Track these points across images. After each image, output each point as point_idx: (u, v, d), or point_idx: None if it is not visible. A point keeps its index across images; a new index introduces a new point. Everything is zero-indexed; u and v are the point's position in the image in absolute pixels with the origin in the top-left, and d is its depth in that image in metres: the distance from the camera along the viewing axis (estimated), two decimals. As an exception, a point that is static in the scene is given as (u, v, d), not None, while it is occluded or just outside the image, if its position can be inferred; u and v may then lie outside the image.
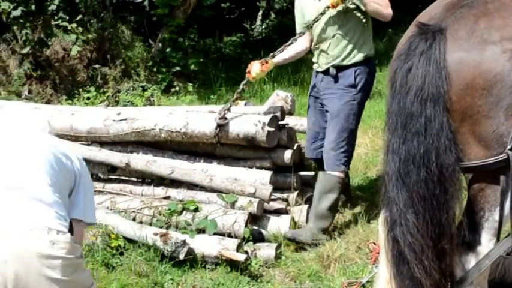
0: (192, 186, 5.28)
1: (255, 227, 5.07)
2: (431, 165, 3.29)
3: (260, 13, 16.36)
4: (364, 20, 4.98)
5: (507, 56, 3.23)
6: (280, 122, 5.36)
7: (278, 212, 5.30)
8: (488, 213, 3.44)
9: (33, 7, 8.99)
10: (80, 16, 9.62)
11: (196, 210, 5.00)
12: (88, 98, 9.50)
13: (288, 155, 5.33)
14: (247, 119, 5.18)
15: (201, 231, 4.88)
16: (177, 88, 10.50)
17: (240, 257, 4.61)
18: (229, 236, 4.87)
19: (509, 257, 3.63)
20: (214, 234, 4.85)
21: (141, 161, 5.30)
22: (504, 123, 3.24)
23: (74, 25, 9.44)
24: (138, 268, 4.61)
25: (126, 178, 5.54)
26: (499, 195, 3.37)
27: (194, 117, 5.29)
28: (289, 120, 5.75)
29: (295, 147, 5.44)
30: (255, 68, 5.11)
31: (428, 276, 3.39)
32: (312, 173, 5.84)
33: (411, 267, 3.41)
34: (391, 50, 3.70)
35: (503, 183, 3.34)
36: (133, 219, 5.05)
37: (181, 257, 4.65)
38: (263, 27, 16.25)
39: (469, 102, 3.27)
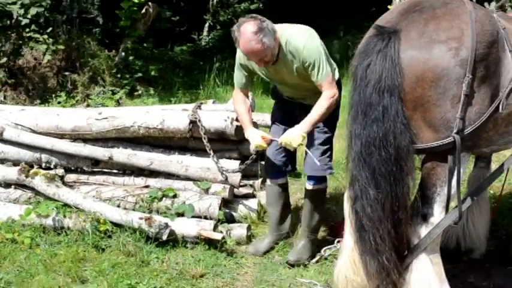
0: (169, 176, 5.34)
1: (227, 210, 5.17)
2: (389, 147, 3.46)
3: (206, 25, 16.40)
4: None
5: (452, 53, 3.43)
6: (245, 118, 5.44)
7: (246, 196, 5.42)
8: (439, 188, 3.63)
9: (8, 22, 8.84)
10: (50, 28, 9.48)
11: (175, 196, 5.07)
12: (59, 102, 9.39)
13: (253, 146, 5.41)
14: (218, 115, 5.28)
15: (180, 214, 4.95)
16: (140, 92, 10.48)
17: (217, 236, 4.71)
18: (205, 218, 4.98)
19: (456, 225, 3.80)
20: (192, 217, 4.94)
21: (122, 154, 5.32)
22: (450, 110, 3.44)
23: (45, 36, 9.31)
24: (126, 249, 4.66)
25: (108, 170, 5.54)
26: (448, 173, 3.56)
27: (169, 114, 5.36)
28: (253, 116, 5.83)
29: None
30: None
31: (384, 243, 3.56)
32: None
33: (372, 234, 3.56)
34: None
35: (450, 163, 3.54)
36: (118, 206, 5.06)
37: (164, 237, 4.71)
38: (209, 37, 16.30)
39: (420, 92, 3.45)
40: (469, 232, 4.76)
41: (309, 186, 4.69)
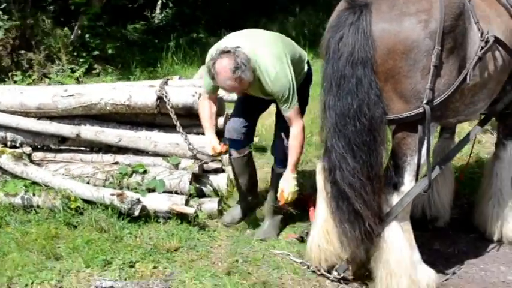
0: (137, 152, 5.34)
1: (198, 185, 5.20)
2: (362, 118, 3.56)
3: (159, 2, 16.20)
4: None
5: (422, 26, 3.53)
6: (212, 93, 5.47)
7: (216, 171, 5.46)
8: (409, 157, 3.75)
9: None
10: (4, 5, 9.26)
11: (145, 172, 5.08)
12: (15, 82, 9.20)
13: (221, 121, 5.47)
14: (185, 91, 5.29)
15: (151, 190, 4.96)
16: (98, 70, 10.36)
17: (189, 210, 4.75)
18: (176, 193, 5.00)
19: (425, 194, 3.94)
20: (163, 192, 4.95)
21: (90, 131, 5.29)
22: (421, 81, 3.56)
23: (-2, 13, 9.10)
24: (98, 225, 4.67)
25: (76, 148, 5.51)
26: (418, 143, 3.69)
27: (136, 91, 5.34)
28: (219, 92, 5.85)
29: (225, 115, 5.59)
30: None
31: (367, 208, 3.67)
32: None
33: (351, 202, 3.66)
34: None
35: (420, 133, 3.67)
36: (88, 183, 5.04)
37: (137, 213, 4.73)
38: (162, 15, 16.12)
39: (392, 64, 3.56)
40: (434, 201, 4.93)
41: (279, 169, 4.69)
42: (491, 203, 4.77)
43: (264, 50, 4.25)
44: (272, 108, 4.80)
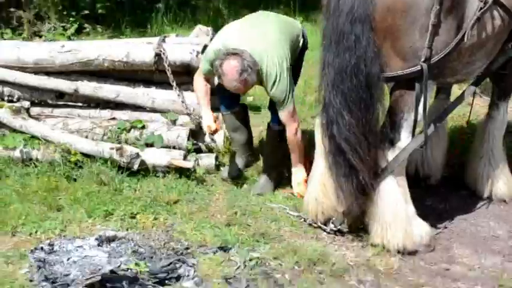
0: (135, 108, 5.39)
1: (195, 141, 5.27)
2: (360, 75, 3.65)
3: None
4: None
5: (422, -17, 3.59)
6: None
7: (212, 128, 5.52)
8: (406, 114, 3.86)
9: None
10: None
11: (143, 127, 5.14)
12: (5, 40, 9.13)
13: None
14: (183, 48, 5.33)
15: (149, 145, 5.03)
16: (88, 30, 10.28)
17: (188, 164, 4.84)
18: (174, 148, 5.07)
19: (421, 149, 4.06)
20: (161, 147, 5.01)
21: (88, 87, 5.34)
22: (419, 40, 3.65)
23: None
24: (98, 178, 4.74)
25: (73, 104, 5.54)
26: (414, 101, 3.79)
27: (134, 47, 5.38)
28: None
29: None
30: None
31: (362, 163, 3.78)
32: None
33: (347, 157, 3.77)
34: None
35: (417, 90, 3.77)
36: (86, 138, 5.10)
37: (136, 167, 4.81)
38: (153, -25, 15.91)
39: (391, 22, 3.63)
40: (427, 160, 5.05)
41: (274, 127, 4.83)
42: (482, 162, 4.90)
43: (270, 54, 4.36)
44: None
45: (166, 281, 3.55)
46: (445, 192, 5.09)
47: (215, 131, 4.77)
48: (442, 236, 4.40)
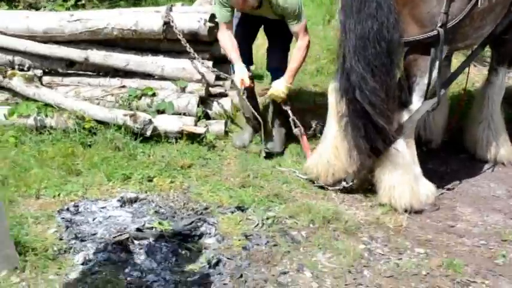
0: (144, 76, 5.49)
1: (204, 108, 5.40)
2: (382, 41, 3.78)
3: None
4: None
5: (439, -49, 3.73)
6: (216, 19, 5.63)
7: (219, 95, 5.67)
8: (419, 78, 4.03)
9: None
10: None
11: (154, 95, 5.26)
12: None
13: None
14: (191, 17, 5.43)
15: (160, 112, 5.15)
16: (83, 2, 10.28)
17: (200, 130, 4.99)
18: (184, 115, 5.19)
19: (434, 111, 4.24)
20: (172, 114, 5.14)
21: (98, 55, 5.42)
22: (436, 6, 3.80)
23: None
24: (113, 144, 4.85)
25: (83, 72, 5.63)
26: (428, 64, 3.95)
27: (143, 16, 5.45)
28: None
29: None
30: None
31: (390, 123, 3.94)
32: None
33: (369, 119, 3.90)
34: None
35: (432, 54, 3.93)
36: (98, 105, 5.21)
37: (148, 133, 4.94)
38: None
39: None
40: (429, 125, 5.24)
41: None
42: (481, 126, 5.11)
43: None
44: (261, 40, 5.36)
45: (190, 239, 3.71)
46: (445, 155, 5.30)
47: (248, 87, 4.93)
48: (446, 196, 4.62)
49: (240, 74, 4.90)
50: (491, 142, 5.10)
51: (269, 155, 4.99)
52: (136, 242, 3.57)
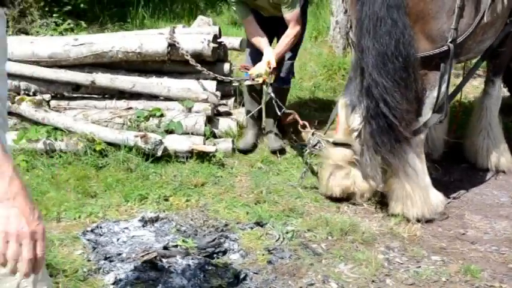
0: (150, 97, 5.57)
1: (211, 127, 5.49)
2: (399, 56, 3.90)
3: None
4: None
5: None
6: (218, 40, 5.76)
7: (223, 114, 5.77)
8: (429, 92, 4.17)
9: None
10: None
11: (162, 115, 5.33)
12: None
13: (227, 67, 5.78)
14: (194, 38, 5.54)
15: (168, 132, 5.23)
16: (71, 26, 10.34)
17: (211, 148, 5.07)
18: (192, 135, 5.28)
19: (441, 122, 4.38)
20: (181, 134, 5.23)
21: (104, 78, 5.50)
22: (446, 22, 3.95)
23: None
24: (125, 165, 4.92)
25: (88, 95, 5.68)
26: (438, 79, 4.09)
27: (146, 38, 5.56)
28: (223, 39, 6.13)
29: (229, 63, 5.91)
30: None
31: (413, 135, 4.08)
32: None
33: (399, 130, 4.01)
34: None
35: (442, 69, 4.07)
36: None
37: (159, 153, 5.01)
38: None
39: (422, 6, 3.93)
40: (431, 137, 5.38)
41: (275, 85, 5.28)
42: (481, 136, 5.27)
43: None
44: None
45: (214, 255, 3.78)
46: (447, 165, 5.43)
47: (274, 69, 5.14)
48: (452, 205, 4.74)
49: (267, 56, 5.15)
50: (491, 151, 5.25)
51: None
52: (164, 260, 3.62)
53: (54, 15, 10.29)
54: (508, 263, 3.91)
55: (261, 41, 5.23)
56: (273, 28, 5.33)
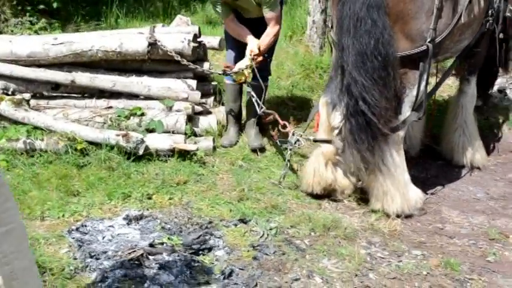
0: (130, 96, 5.57)
1: (191, 126, 5.52)
2: (378, 55, 3.99)
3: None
4: None
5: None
6: (198, 39, 5.80)
7: (203, 113, 5.79)
8: (408, 90, 4.27)
9: None
10: None
11: (143, 114, 5.34)
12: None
13: (206, 66, 5.80)
14: (175, 37, 5.57)
15: (149, 131, 5.25)
16: (44, 25, 10.25)
17: (193, 147, 5.10)
18: (173, 133, 5.30)
19: (419, 120, 4.48)
20: (162, 132, 5.24)
21: (84, 77, 5.49)
22: (425, 22, 4.05)
23: None
24: (106, 164, 4.92)
25: (67, 94, 5.67)
26: (417, 77, 4.19)
27: (126, 38, 5.56)
28: (202, 39, 6.15)
29: (208, 62, 5.94)
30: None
31: (393, 132, 4.18)
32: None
33: (377, 130, 4.09)
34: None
35: (421, 68, 4.17)
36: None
37: (141, 152, 5.02)
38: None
39: (402, 7, 4.03)
40: (408, 134, 5.48)
41: (254, 82, 5.39)
42: (457, 133, 5.39)
43: None
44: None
45: (200, 252, 3.82)
46: (424, 162, 5.55)
47: (257, 55, 5.23)
48: (430, 201, 4.86)
49: (251, 45, 5.26)
50: (467, 148, 5.38)
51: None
52: (150, 257, 3.66)
53: (27, 13, 10.19)
54: (485, 257, 4.03)
55: (244, 34, 5.32)
56: (253, 29, 5.36)
